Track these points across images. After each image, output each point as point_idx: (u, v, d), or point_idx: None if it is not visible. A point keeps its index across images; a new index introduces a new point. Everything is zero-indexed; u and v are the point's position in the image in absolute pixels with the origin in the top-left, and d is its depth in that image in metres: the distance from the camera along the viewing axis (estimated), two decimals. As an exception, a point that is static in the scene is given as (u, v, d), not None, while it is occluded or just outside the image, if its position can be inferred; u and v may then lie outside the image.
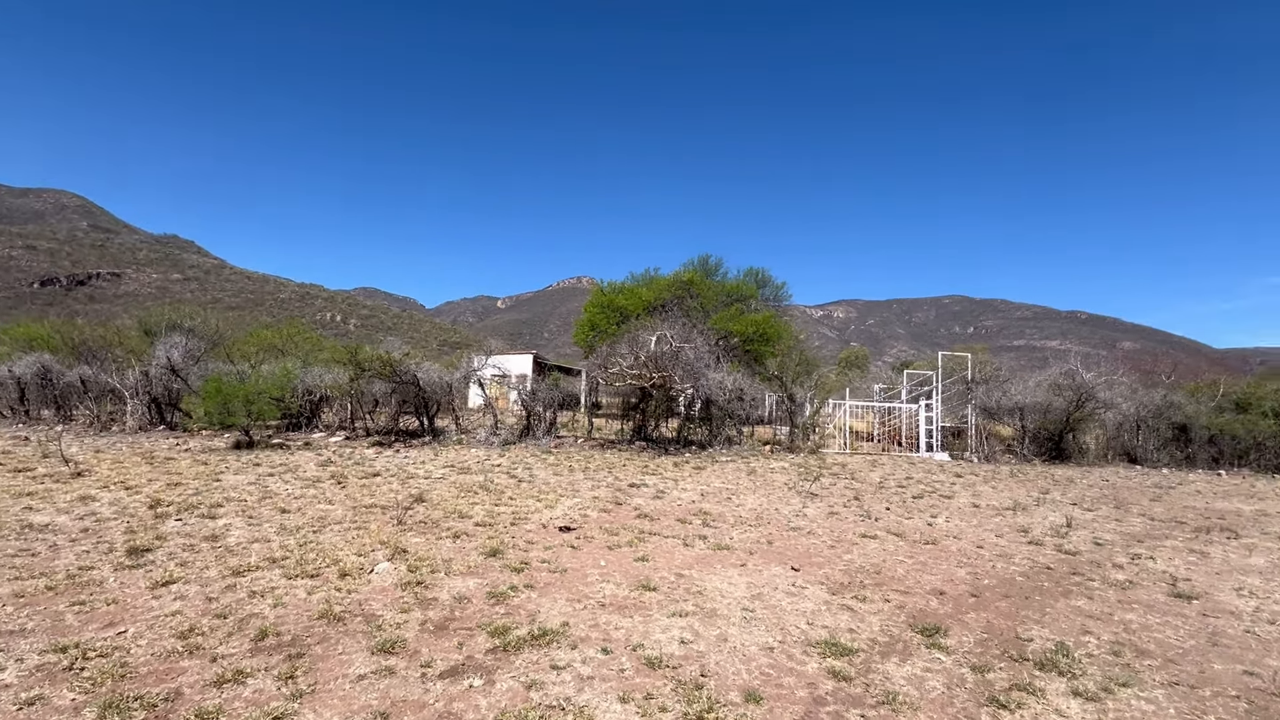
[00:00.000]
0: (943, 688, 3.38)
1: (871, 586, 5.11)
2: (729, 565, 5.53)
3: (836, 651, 3.76)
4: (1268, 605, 5.07)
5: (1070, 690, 3.40)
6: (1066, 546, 6.80)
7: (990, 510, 8.97)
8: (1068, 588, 5.34)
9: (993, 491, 10.82)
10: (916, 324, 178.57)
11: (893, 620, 4.36)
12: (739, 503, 8.66)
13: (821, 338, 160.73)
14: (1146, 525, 8.36)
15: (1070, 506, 9.58)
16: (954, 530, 7.48)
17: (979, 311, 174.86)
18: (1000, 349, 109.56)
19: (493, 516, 6.97)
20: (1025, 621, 4.47)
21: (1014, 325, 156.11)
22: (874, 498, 9.56)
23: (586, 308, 26.98)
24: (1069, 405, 16.49)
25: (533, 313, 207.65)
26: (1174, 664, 3.85)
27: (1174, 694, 3.43)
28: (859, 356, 62.72)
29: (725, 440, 16.03)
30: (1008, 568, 5.89)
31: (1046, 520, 8.31)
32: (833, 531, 7.10)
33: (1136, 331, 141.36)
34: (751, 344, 22.79)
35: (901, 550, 6.37)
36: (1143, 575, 5.82)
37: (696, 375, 15.25)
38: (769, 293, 30.86)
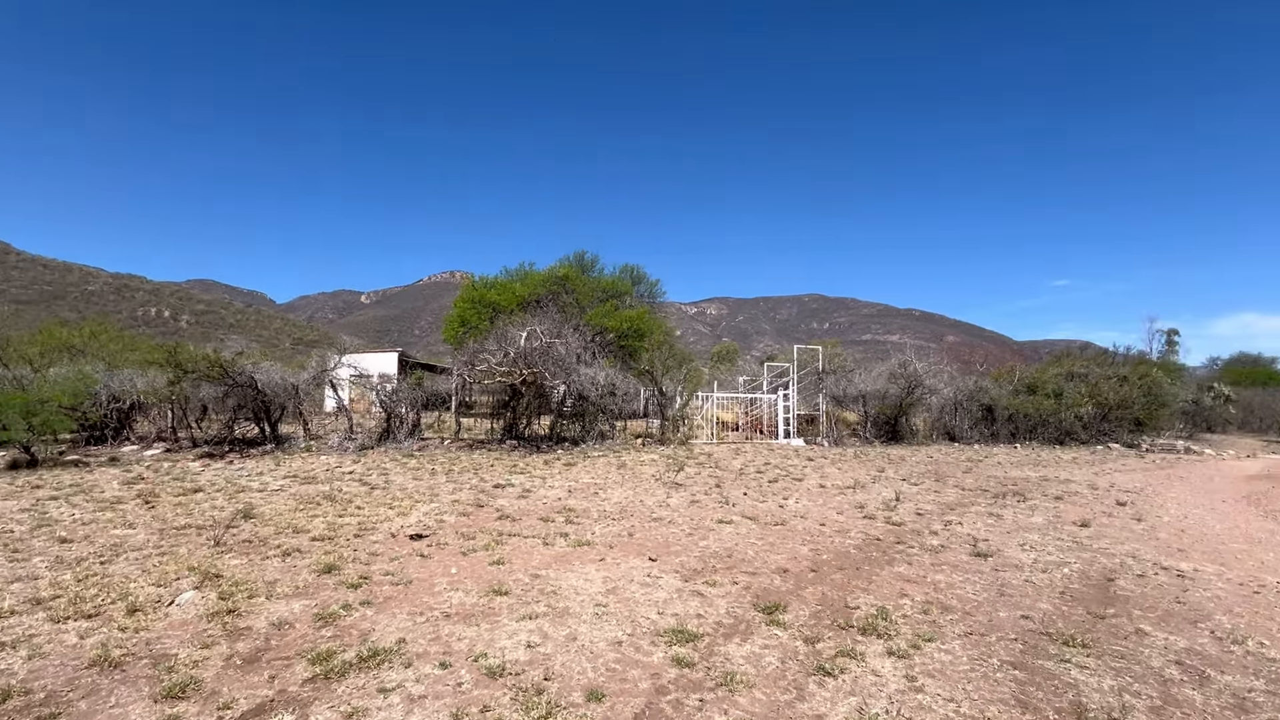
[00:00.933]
0: (777, 662, 3.56)
1: (722, 570, 5.31)
2: (588, 561, 5.48)
3: (683, 638, 3.83)
4: (1043, 557, 5.96)
5: (886, 651, 3.73)
6: (894, 518, 7.57)
7: (834, 490, 9.77)
8: (892, 556, 5.91)
9: (838, 472, 11.82)
10: (780, 320, 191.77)
11: (739, 602, 4.54)
12: (605, 497, 8.68)
13: (696, 333, 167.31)
14: (959, 495, 9.55)
15: (900, 482, 10.71)
16: (802, 510, 8.03)
17: (833, 309, 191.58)
18: (850, 343, 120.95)
19: (334, 529, 6.36)
20: (854, 591, 4.87)
21: (862, 321, 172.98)
22: (734, 484, 10.04)
23: (457, 303, 25.81)
24: (902, 392, 18.49)
25: (402, 309, 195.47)
26: (970, 616, 4.37)
27: (968, 643, 3.89)
28: (729, 351, 66.01)
29: (598, 436, 16.07)
30: (844, 542, 6.41)
31: (880, 496, 9.20)
32: (692, 520, 7.32)
33: (959, 326, 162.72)
34: (626, 339, 23.09)
35: (754, 533, 6.72)
36: (952, 539, 6.61)
37: (568, 371, 15.12)
38: (644, 289, 31.46)
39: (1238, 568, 5.79)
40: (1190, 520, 8.02)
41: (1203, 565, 5.83)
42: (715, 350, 69.18)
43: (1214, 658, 3.76)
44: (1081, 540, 6.69)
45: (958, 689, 3.28)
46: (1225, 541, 6.88)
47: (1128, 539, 6.84)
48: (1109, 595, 4.90)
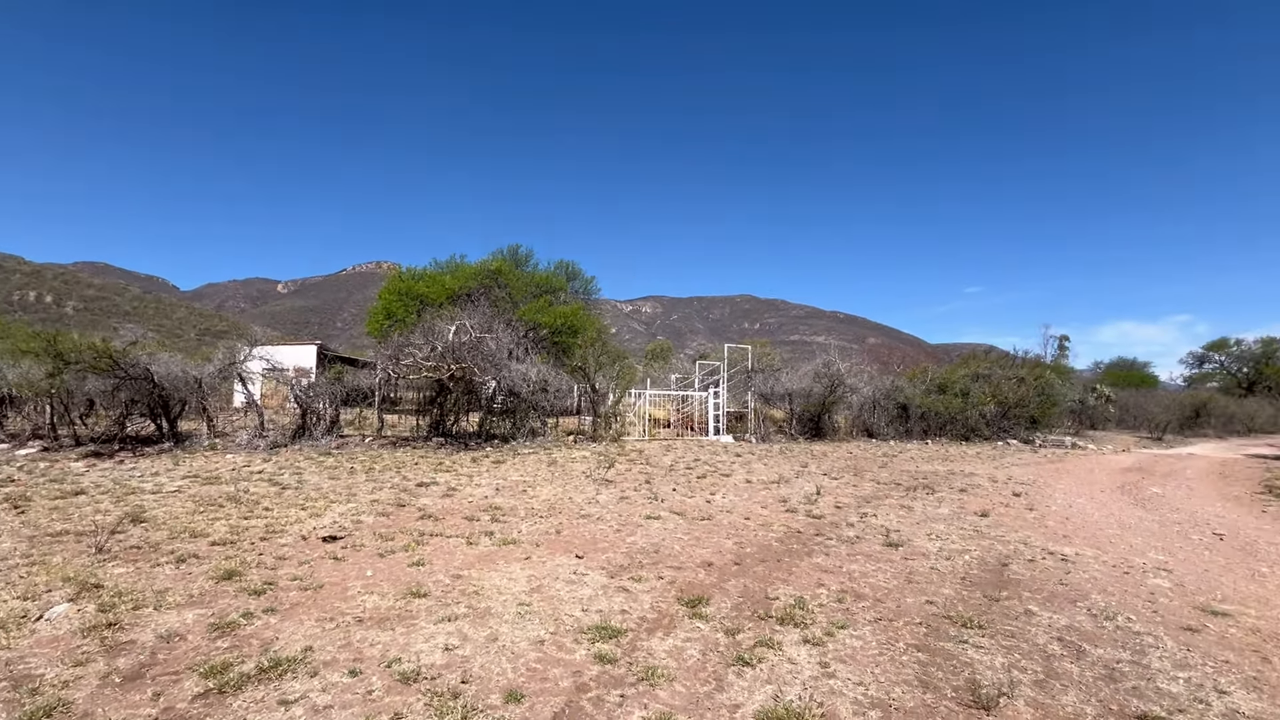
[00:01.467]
0: (699, 655, 3.62)
1: (649, 566, 5.35)
2: (513, 560, 5.38)
3: (607, 635, 3.82)
4: (947, 545, 6.36)
5: (802, 639, 3.86)
6: (814, 512, 7.87)
7: (760, 485, 10.06)
8: (812, 548, 6.14)
9: (764, 468, 12.18)
10: (714, 320, 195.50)
11: (663, 596, 4.59)
12: (534, 495, 8.55)
13: (630, 331, 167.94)
14: (874, 488, 10.06)
15: (821, 477, 11.16)
16: (728, 505, 8.21)
17: (764, 310, 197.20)
18: (779, 343, 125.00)
19: (237, 533, 5.94)
20: (775, 582, 5.02)
21: (790, 322, 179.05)
22: (663, 481, 10.14)
23: (382, 295, 24.71)
24: (826, 391, 19.27)
25: (322, 299, 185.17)
26: (880, 603, 4.60)
27: (877, 628, 4.09)
28: (663, 349, 66.66)
29: (529, 432, 15.83)
30: (767, 535, 6.61)
31: (802, 490, 9.55)
32: (621, 516, 7.34)
33: (880, 329, 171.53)
34: (560, 336, 22.85)
35: (681, 528, 6.80)
36: (867, 531, 6.94)
37: (500, 367, 14.80)
38: (579, 286, 31.26)
39: (1111, 551, 6.39)
40: (1074, 509, 8.79)
41: (1083, 550, 6.39)
42: (649, 348, 69.69)
43: (1090, 633, 4.12)
44: (981, 529, 7.19)
45: (867, 672, 3.44)
46: (1102, 528, 7.58)
47: (1021, 527, 7.41)
48: (1003, 579, 5.28)
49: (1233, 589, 5.23)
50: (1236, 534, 7.42)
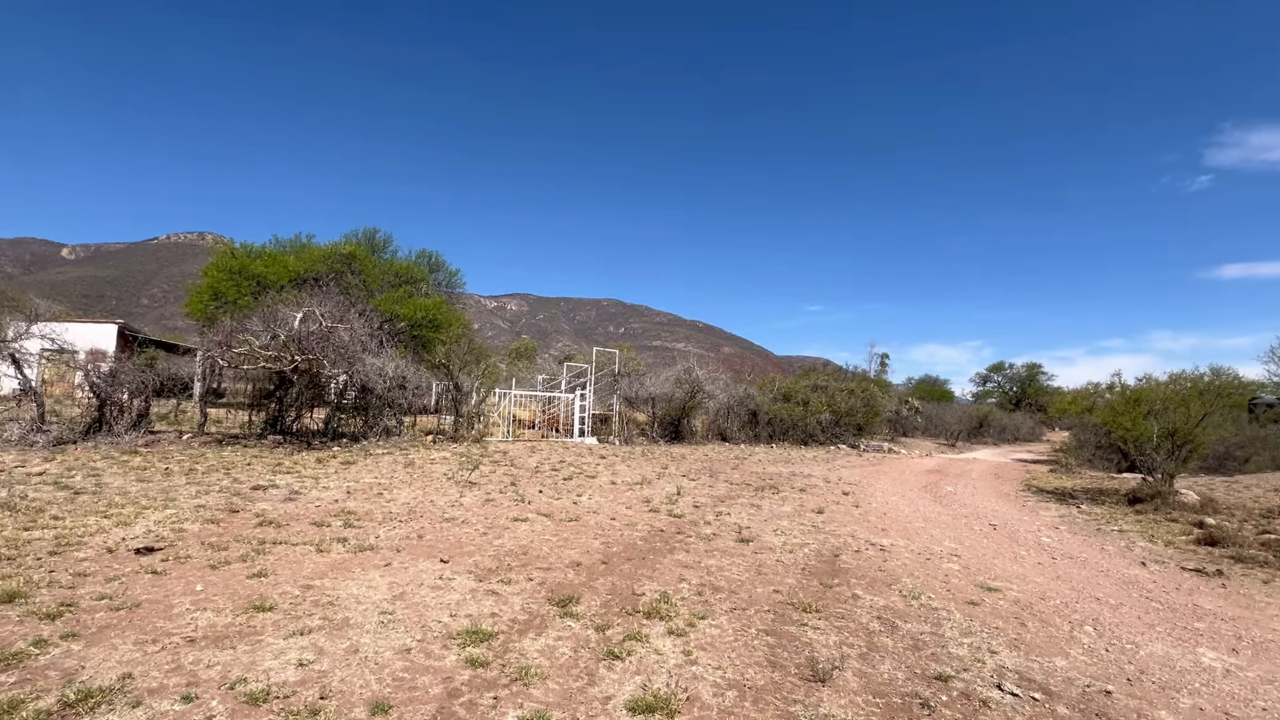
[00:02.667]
0: (570, 652, 3.72)
1: (518, 568, 5.34)
2: (371, 567, 5.09)
3: (477, 638, 3.79)
4: (790, 540, 7.07)
5: (667, 631, 4.12)
6: (675, 511, 8.32)
7: (625, 486, 10.38)
8: (673, 545, 6.51)
9: (628, 469, 12.56)
10: (580, 322, 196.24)
11: (534, 597, 4.62)
12: (391, 498, 8.10)
13: (494, 328, 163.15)
14: (728, 489, 10.83)
15: (681, 478, 11.77)
16: (594, 506, 8.40)
17: (628, 315, 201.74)
18: (643, 348, 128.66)
19: (16, 547, 4.97)
20: (641, 579, 5.27)
21: (654, 328, 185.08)
22: (529, 482, 10.08)
23: (208, 271, 21.72)
24: (686, 396, 20.29)
25: (124, 270, 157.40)
26: (735, 593, 5.03)
27: (733, 617, 4.48)
28: (528, 348, 65.66)
29: (383, 431, 14.85)
30: (632, 534, 6.88)
31: (664, 491, 10.02)
32: (487, 519, 7.21)
33: (734, 339, 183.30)
34: (420, 329, 21.67)
35: (549, 529, 6.85)
36: (723, 528, 7.49)
37: (352, 360, 13.73)
38: (442, 278, 29.86)
39: (917, 541, 7.51)
40: (889, 506, 10.16)
41: (897, 540, 7.44)
42: (513, 346, 68.29)
43: (901, 611, 4.85)
44: (818, 524, 8.07)
45: (724, 657, 3.77)
46: (910, 521, 8.86)
47: (849, 522, 8.43)
48: (836, 568, 6.01)
49: (1002, 569, 6.41)
50: (1005, 524, 9.07)
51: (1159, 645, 4.48)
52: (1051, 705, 3.41)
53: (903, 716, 3.19)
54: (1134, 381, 14.13)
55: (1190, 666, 4.12)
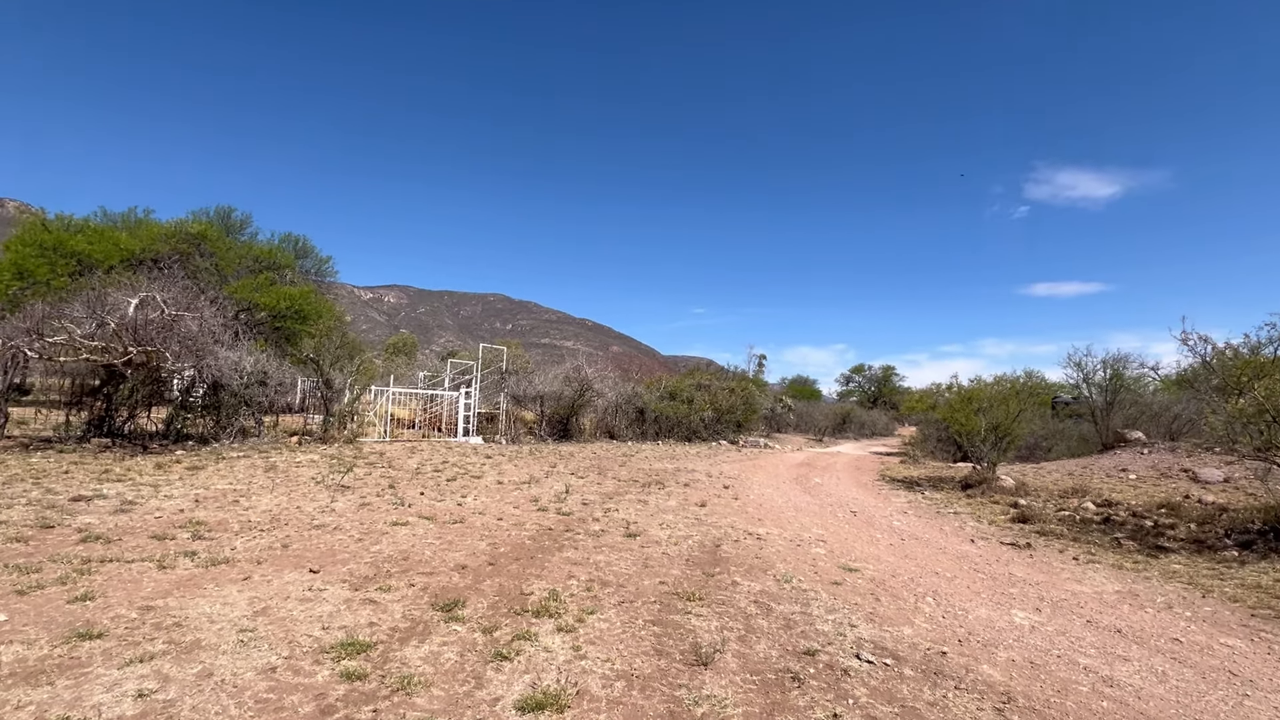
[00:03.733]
0: (456, 656, 3.62)
1: (398, 574, 5.09)
2: (227, 582, 4.61)
3: (354, 650, 3.58)
4: (675, 533, 7.34)
5: (556, 628, 4.13)
6: (564, 509, 8.32)
7: (512, 485, 10.20)
8: (562, 543, 6.51)
9: (515, 469, 12.35)
10: (464, 317, 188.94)
11: (416, 604, 4.44)
12: (250, 505, 7.36)
13: (370, 321, 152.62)
14: (616, 485, 11.00)
15: (570, 476, 11.77)
16: (480, 507, 8.18)
17: (516, 311, 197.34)
18: (531, 345, 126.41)
19: None
20: (530, 578, 5.23)
21: (542, 325, 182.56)
22: (410, 484, 9.60)
23: (10, 245, 18.30)
24: (575, 394, 20.28)
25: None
26: (623, 587, 5.15)
27: (621, 610, 4.58)
28: (407, 343, 62.26)
29: (239, 432, 13.41)
30: (520, 534, 6.79)
31: (552, 489, 9.97)
32: (363, 524, 6.78)
33: (623, 339, 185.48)
34: (284, 320, 19.77)
35: (431, 533, 6.58)
36: (611, 524, 7.61)
37: (201, 353, 12.26)
38: (311, 265, 27.51)
39: (789, 529, 8.10)
40: (765, 497, 10.85)
41: (771, 529, 7.98)
42: (391, 341, 64.45)
43: (775, 594, 5.23)
44: (701, 517, 8.44)
45: (613, 649, 3.86)
46: (783, 511, 9.53)
47: (729, 513, 8.89)
48: (717, 557, 6.33)
49: (861, 551, 7.10)
50: (864, 511, 10.03)
51: (983, 610, 5.20)
52: (900, 669, 3.85)
53: (776, 691, 3.45)
54: (967, 383, 16.20)
55: (1006, 625, 4.83)
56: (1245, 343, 7.99)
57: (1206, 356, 8.37)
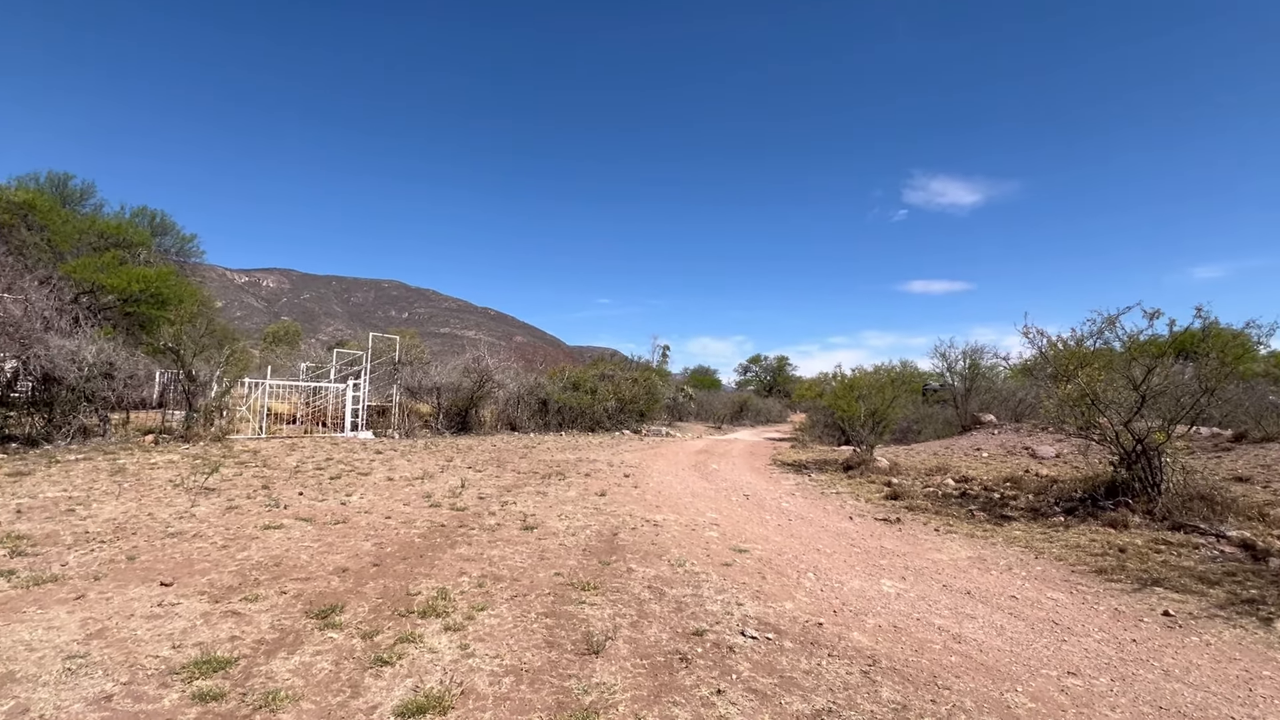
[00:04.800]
0: (331, 666, 3.40)
1: (268, 582, 4.70)
2: (52, 603, 4.04)
3: (210, 668, 3.26)
4: (574, 523, 7.33)
5: (443, 627, 3.99)
6: (459, 504, 8.05)
7: (403, 481, 9.73)
8: (455, 540, 6.30)
9: (408, 464, 11.79)
10: (355, 304, 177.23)
11: (287, 613, 4.12)
12: (89, 514, 6.49)
13: (246, 308, 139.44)
14: (515, 478, 10.80)
15: (467, 470, 11.41)
16: (367, 506, 7.73)
17: (413, 298, 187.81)
18: (429, 335, 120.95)
19: None
20: (418, 578, 5.02)
21: (441, 314, 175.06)
22: (287, 484, 8.89)
23: None
24: (474, 385, 19.66)
25: None
26: (517, 581, 5.06)
27: (513, 604, 4.51)
28: (289, 332, 57.54)
29: (79, 432, 11.80)
30: (410, 532, 6.49)
31: (447, 484, 9.62)
32: (229, 530, 6.19)
33: (527, 329, 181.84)
34: (138, 305, 17.57)
35: (309, 535, 6.14)
36: (508, 518, 7.46)
37: (26, 340, 10.63)
38: (171, 243, 24.68)
39: (685, 514, 8.34)
40: (664, 484, 11.10)
41: (668, 515, 8.18)
42: (271, 329, 59.33)
43: (669, 578, 5.36)
44: (600, 506, 8.49)
45: (503, 645, 3.79)
46: (681, 497, 9.79)
47: (628, 502, 9.01)
48: (614, 546, 6.39)
49: (751, 533, 7.45)
50: (756, 494, 10.53)
51: (857, 581, 5.63)
52: (780, 642, 4.09)
53: (665, 673, 3.54)
54: (849, 372, 17.44)
55: (876, 595, 5.26)
56: (1073, 336, 9.18)
57: (1042, 348, 9.53)
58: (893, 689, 3.47)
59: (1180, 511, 7.51)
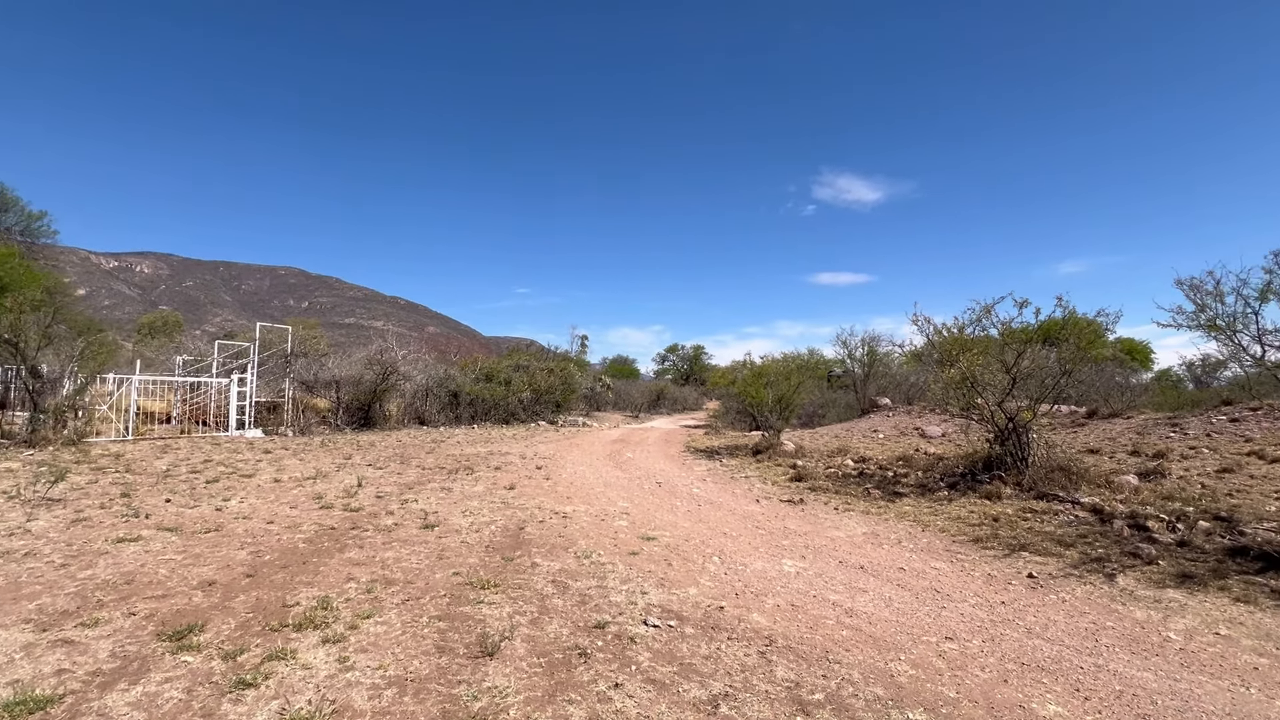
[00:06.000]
0: (181, 694, 3.02)
1: (114, 603, 4.15)
2: None
3: (26, 709, 2.80)
4: (478, 519, 7.05)
5: (321, 640, 3.67)
6: (353, 505, 7.54)
7: (292, 483, 9.01)
8: (345, 543, 5.87)
9: (300, 464, 10.95)
10: (248, 292, 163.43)
11: (134, 636, 3.64)
12: (-113, 536, 5.50)
13: (116, 295, 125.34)
14: (419, 474, 10.29)
15: (366, 468, 10.76)
16: (246, 511, 7.07)
17: (315, 287, 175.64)
18: (333, 325, 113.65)
19: None
20: (298, 587, 4.61)
21: (346, 304, 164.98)
22: (153, 490, 7.99)
23: None
24: (377, 378, 18.60)
25: None
26: (411, 584, 4.77)
27: (403, 609, 4.23)
28: (168, 322, 52.28)
29: (-117, 439, 10.02)
30: (294, 537, 5.99)
31: (343, 484, 9.00)
32: (71, 545, 5.44)
33: (439, 319, 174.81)
34: (-37, 291, 15.14)
35: (172, 547, 5.50)
36: (407, 517, 7.06)
37: None
38: (15, 221, 21.68)
39: (597, 504, 8.26)
40: (577, 475, 10.97)
41: (578, 506, 8.06)
42: (147, 320, 53.67)
43: (574, 571, 5.25)
44: (508, 500, 8.23)
45: (387, 655, 3.53)
46: (594, 487, 9.70)
47: (538, 494, 8.81)
48: (520, 540, 6.19)
49: (661, 520, 7.47)
50: (668, 481, 10.63)
51: (760, 563, 5.76)
52: (682, 628, 4.08)
53: (562, 670, 3.43)
54: (759, 360, 18.01)
55: (777, 575, 5.40)
56: (955, 323, 9.88)
57: (930, 335, 10.20)
58: (787, 667, 3.54)
59: (1044, 482, 8.29)
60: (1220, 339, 6.24)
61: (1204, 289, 6.24)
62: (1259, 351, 6.12)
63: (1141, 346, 29.82)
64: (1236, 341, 6.18)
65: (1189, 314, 6.34)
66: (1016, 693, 3.34)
